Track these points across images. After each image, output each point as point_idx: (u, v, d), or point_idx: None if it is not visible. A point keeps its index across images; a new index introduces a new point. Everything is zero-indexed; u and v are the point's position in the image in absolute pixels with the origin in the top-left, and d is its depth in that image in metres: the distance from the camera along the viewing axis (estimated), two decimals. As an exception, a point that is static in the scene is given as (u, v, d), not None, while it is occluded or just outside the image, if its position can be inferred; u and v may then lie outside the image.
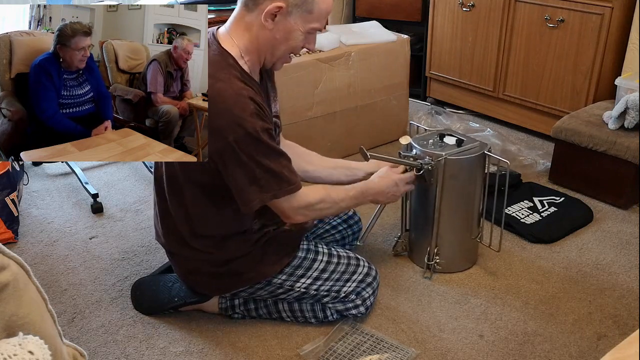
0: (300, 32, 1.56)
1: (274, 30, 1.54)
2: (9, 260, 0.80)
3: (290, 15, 1.53)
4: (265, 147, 1.53)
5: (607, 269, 2.12)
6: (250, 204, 1.57)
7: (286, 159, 1.60)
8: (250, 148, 1.51)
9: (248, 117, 1.49)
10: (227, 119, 1.48)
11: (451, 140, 1.97)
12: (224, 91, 1.49)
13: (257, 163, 1.53)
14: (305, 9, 1.53)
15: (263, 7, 1.51)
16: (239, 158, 1.51)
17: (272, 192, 1.57)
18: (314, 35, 1.62)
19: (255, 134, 1.50)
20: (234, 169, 1.54)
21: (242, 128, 1.48)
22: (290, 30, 1.55)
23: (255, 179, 1.54)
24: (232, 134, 1.48)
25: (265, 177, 1.54)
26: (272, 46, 1.58)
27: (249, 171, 1.53)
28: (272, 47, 1.58)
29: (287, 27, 1.54)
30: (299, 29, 1.55)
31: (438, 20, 3.35)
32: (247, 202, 1.57)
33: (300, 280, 1.78)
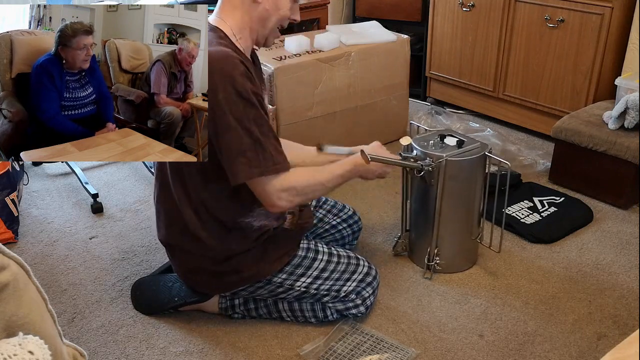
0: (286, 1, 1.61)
1: (264, 2, 1.58)
2: (9, 260, 0.80)
3: None
4: (254, 112, 1.52)
5: (607, 269, 2.12)
6: (238, 176, 1.55)
7: (275, 138, 1.59)
8: (239, 109, 1.50)
9: (238, 77, 1.49)
10: (218, 78, 1.48)
11: (452, 141, 1.97)
12: (215, 53, 1.50)
13: (245, 130, 1.51)
14: None
15: None
16: (227, 120, 1.50)
17: (260, 169, 1.54)
18: (297, 5, 1.67)
19: (245, 93, 1.50)
20: (223, 135, 1.52)
21: (232, 87, 1.48)
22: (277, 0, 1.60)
23: (243, 150, 1.52)
24: (223, 92, 1.48)
25: (253, 149, 1.53)
26: (264, 19, 1.61)
27: (237, 139, 1.51)
28: (264, 20, 1.61)
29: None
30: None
31: (438, 20, 3.35)
32: (235, 174, 1.55)
33: (300, 279, 1.78)
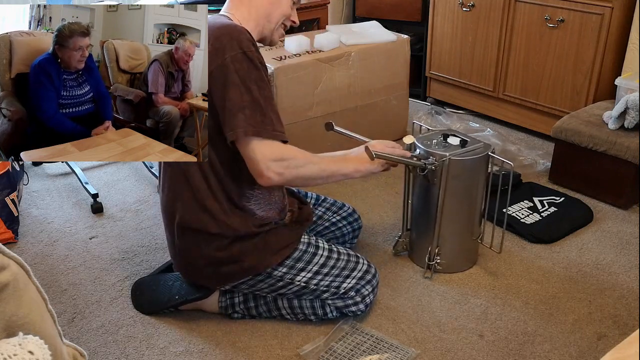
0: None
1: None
2: (9, 260, 0.80)
3: None
4: (257, 73, 1.57)
5: (607, 269, 2.12)
6: (235, 131, 1.55)
7: (275, 105, 1.63)
8: (244, 68, 1.55)
9: (245, 40, 1.56)
10: (227, 39, 1.55)
11: (455, 140, 1.97)
12: (227, 23, 1.60)
13: (247, 88, 1.55)
14: None
15: None
16: (232, 78, 1.55)
17: (256, 128, 1.55)
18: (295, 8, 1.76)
19: (250, 54, 1.56)
20: (225, 92, 1.55)
21: (239, 46, 1.55)
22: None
23: (242, 107, 1.55)
24: (230, 51, 1.54)
25: (251, 107, 1.55)
26: (268, 14, 1.70)
27: (239, 95, 1.55)
28: (268, 14, 1.70)
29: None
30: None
31: (438, 20, 3.35)
32: (233, 128, 1.56)
33: (300, 273, 1.78)
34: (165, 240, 1.92)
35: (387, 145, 1.86)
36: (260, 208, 1.74)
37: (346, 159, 1.79)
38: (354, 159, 1.79)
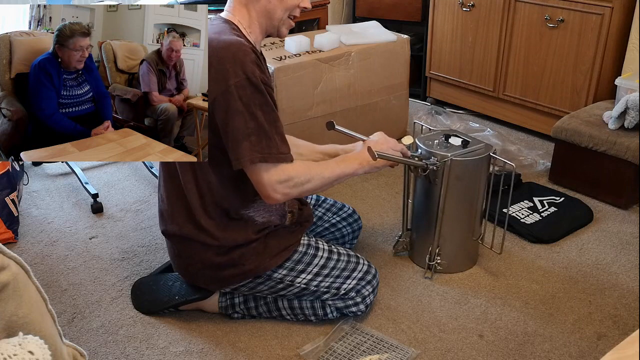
0: None
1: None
2: (9, 260, 0.80)
3: None
4: (261, 98, 1.56)
5: (607, 269, 2.12)
6: (241, 160, 1.56)
7: (281, 126, 1.62)
8: (247, 94, 1.53)
9: (249, 64, 1.53)
10: (231, 63, 1.52)
11: (457, 141, 1.97)
12: (229, 41, 1.56)
13: (251, 115, 1.54)
14: None
15: None
16: (236, 105, 1.53)
17: (262, 154, 1.56)
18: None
19: (254, 79, 1.54)
20: (229, 120, 1.55)
21: (243, 73, 1.52)
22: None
23: (247, 134, 1.54)
24: (234, 77, 1.52)
25: (257, 134, 1.55)
26: (269, 12, 1.65)
27: (243, 123, 1.54)
28: (270, 13, 1.65)
29: None
30: None
31: (438, 20, 3.35)
32: (238, 158, 1.56)
33: (300, 275, 1.78)
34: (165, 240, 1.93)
35: (387, 141, 1.85)
36: (260, 215, 1.75)
37: (348, 158, 1.77)
38: (356, 157, 1.77)
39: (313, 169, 1.67)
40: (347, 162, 1.75)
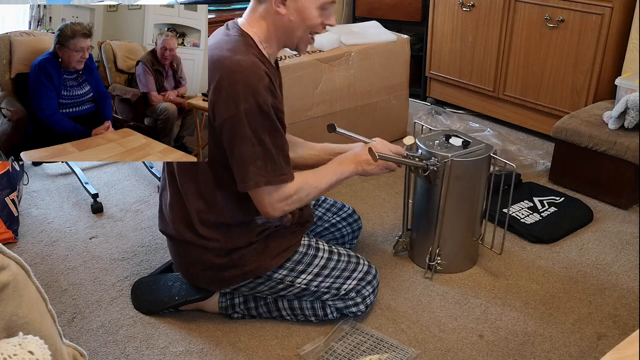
0: (313, 8, 1.59)
1: (288, 14, 1.58)
2: (9, 260, 0.80)
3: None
4: (270, 124, 1.55)
5: (607, 269, 2.12)
6: (246, 184, 1.59)
7: (286, 145, 1.62)
8: (256, 121, 1.53)
9: (262, 90, 1.52)
10: (242, 87, 1.50)
11: (457, 141, 1.97)
12: (243, 62, 1.52)
13: (259, 140, 1.54)
14: None
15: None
16: (244, 132, 1.53)
17: (267, 178, 1.58)
18: (330, 9, 1.64)
19: (265, 107, 1.53)
20: (236, 143, 1.55)
21: (254, 99, 1.51)
22: (303, 10, 1.58)
23: (253, 159, 1.55)
24: (244, 103, 1.51)
25: (263, 159, 1.56)
26: (290, 30, 1.61)
27: (250, 147, 1.54)
28: (290, 31, 1.61)
29: (299, 7, 1.57)
30: (311, 6, 1.58)
31: (438, 20, 3.35)
32: (244, 181, 1.59)
33: (300, 276, 1.78)
34: (165, 240, 1.92)
35: (387, 145, 1.86)
36: (260, 217, 1.75)
37: (344, 161, 1.78)
38: (352, 159, 1.78)
39: (310, 181, 1.69)
40: (343, 166, 1.76)
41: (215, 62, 1.54)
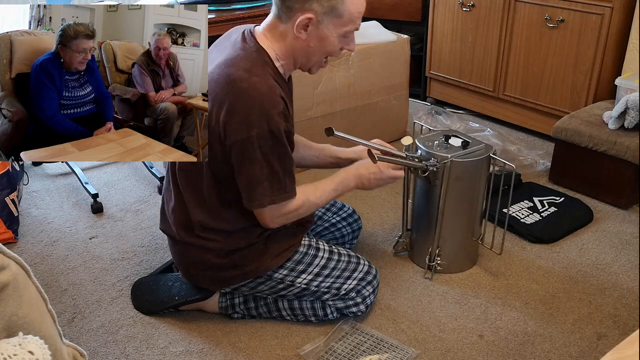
0: (335, 37, 1.59)
1: (308, 39, 1.58)
2: (9, 260, 0.80)
3: (322, 23, 1.55)
4: (280, 148, 1.57)
5: (607, 269, 2.12)
6: (253, 203, 1.62)
7: (293, 166, 1.65)
8: (267, 146, 1.54)
9: (276, 116, 1.52)
10: (257, 113, 1.51)
11: (457, 141, 1.96)
12: (259, 85, 1.52)
13: (268, 163, 1.56)
14: (335, 14, 1.55)
15: (295, 19, 1.54)
16: (254, 155, 1.54)
17: (272, 197, 1.61)
18: (351, 36, 1.64)
19: (277, 132, 1.54)
20: (246, 165, 1.57)
21: (267, 125, 1.52)
22: (324, 38, 1.59)
23: (261, 181, 1.58)
24: (257, 128, 1.51)
25: (270, 180, 1.59)
26: (308, 53, 1.62)
27: (259, 170, 1.56)
28: (308, 54, 1.62)
29: (320, 35, 1.58)
30: (332, 34, 1.58)
31: (438, 20, 3.35)
32: (251, 200, 1.62)
33: (301, 275, 1.78)
34: (165, 239, 1.93)
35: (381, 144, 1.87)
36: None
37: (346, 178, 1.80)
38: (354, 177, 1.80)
39: (311, 198, 1.72)
40: (345, 184, 1.79)
41: (231, 83, 1.52)
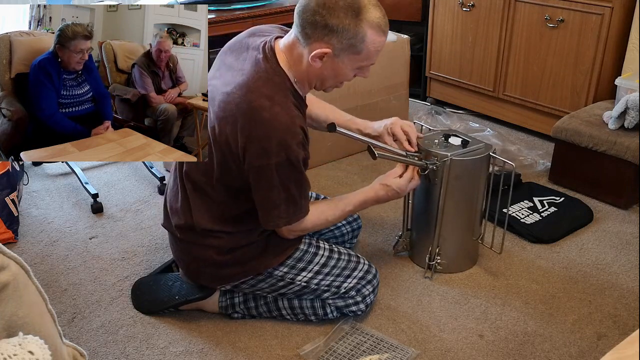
0: (349, 69, 1.60)
1: (322, 68, 1.58)
2: (9, 260, 0.80)
3: (338, 57, 1.55)
4: (298, 175, 1.60)
5: (607, 269, 2.12)
6: (268, 224, 1.67)
7: (308, 187, 1.68)
8: (285, 174, 1.57)
9: (295, 147, 1.54)
10: (276, 143, 1.52)
11: (456, 140, 1.97)
12: (281, 116, 1.52)
13: (285, 188, 1.59)
14: (353, 52, 1.55)
15: (312, 47, 1.53)
16: (272, 180, 1.57)
17: (288, 219, 1.65)
18: (367, 69, 1.64)
19: (296, 162, 1.56)
20: (263, 188, 1.59)
21: (286, 155, 1.54)
22: (338, 70, 1.59)
23: (277, 204, 1.61)
24: (276, 157, 1.53)
25: (286, 204, 1.62)
26: (322, 79, 1.63)
27: (276, 194, 1.59)
28: (322, 80, 1.64)
29: (335, 67, 1.58)
30: (347, 67, 1.59)
31: (438, 20, 3.35)
32: (266, 221, 1.66)
33: (301, 273, 1.78)
34: (165, 240, 1.93)
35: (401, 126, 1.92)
36: None
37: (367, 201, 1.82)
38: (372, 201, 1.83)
39: (325, 214, 1.76)
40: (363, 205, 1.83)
41: (253, 110, 1.51)
